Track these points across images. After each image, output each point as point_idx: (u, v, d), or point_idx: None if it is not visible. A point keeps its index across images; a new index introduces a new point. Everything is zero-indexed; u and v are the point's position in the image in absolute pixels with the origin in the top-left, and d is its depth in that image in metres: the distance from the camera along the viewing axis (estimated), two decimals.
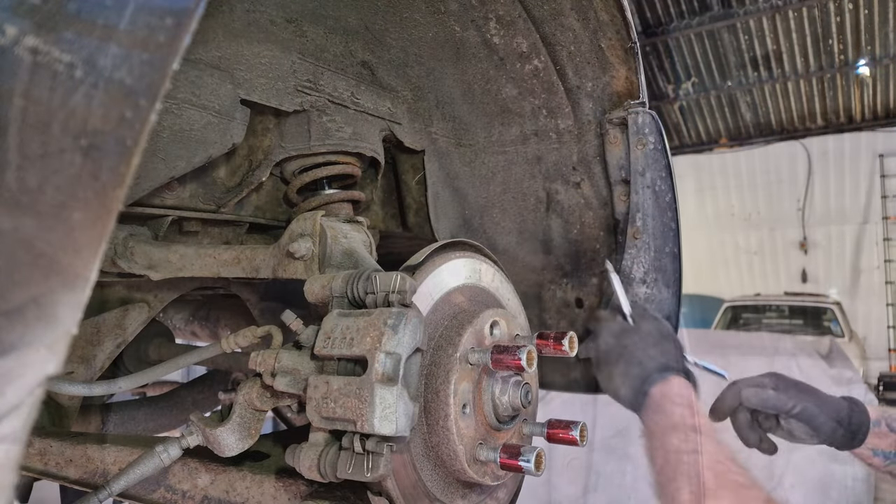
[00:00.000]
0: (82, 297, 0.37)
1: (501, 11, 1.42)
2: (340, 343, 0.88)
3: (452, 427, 0.93)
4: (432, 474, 0.98)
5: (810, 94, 10.70)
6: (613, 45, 1.42)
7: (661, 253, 1.52)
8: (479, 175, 1.76)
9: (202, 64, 1.19)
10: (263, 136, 1.41)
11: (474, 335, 0.99)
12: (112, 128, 0.37)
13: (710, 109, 11.41)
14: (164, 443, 1.06)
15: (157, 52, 0.38)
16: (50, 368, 0.36)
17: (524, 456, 0.94)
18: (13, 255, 0.34)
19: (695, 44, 10.12)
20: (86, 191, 0.36)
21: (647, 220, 1.50)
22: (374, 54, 1.54)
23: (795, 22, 9.48)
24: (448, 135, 1.72)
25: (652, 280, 1.54)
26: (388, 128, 1.57)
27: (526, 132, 1.66)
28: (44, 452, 1.28)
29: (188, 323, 2.27)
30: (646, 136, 1.46)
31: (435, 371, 0.96)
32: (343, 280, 0.99)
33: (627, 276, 1.54)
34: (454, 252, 1.10)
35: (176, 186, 1.30)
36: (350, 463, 0.85)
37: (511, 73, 1.56)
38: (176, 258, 1.25)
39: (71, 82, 0.36)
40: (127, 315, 1.45)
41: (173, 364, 1.38)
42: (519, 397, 1.02)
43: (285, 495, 1.02)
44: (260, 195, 1.50)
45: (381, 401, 0.81)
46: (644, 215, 1.50)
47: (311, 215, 1.19)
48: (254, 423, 1.02)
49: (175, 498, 1.12)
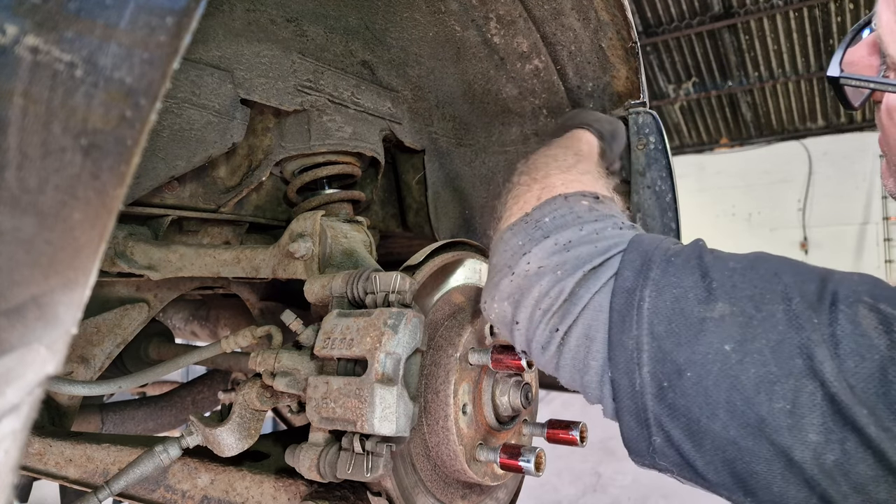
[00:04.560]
0: (82, 297, 0.37)
1: (502, 11, 1.42)
2: (340, 343, 0.88)
3: (452, 427, 0.93)
4: (432, 474, 0.98)
5: (810, 94, 10.70)
6: (614, 44, 1.42)
7: None
8: (479, 175, 1.76)
9: (202, 63, 1.19)
10: (263, 136, 1.41)
11: (474, 335, 0.99)
12: (112, 127, 0.37)
13: (711, 109, 11.40)
14: (164, 443, 1.06)
15: (158, 51, 0.38)
16: (50, 368, 0.36)
17: (524, 456, 0.94)
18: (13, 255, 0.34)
19: (695, 44, 10.12)
20: (86, 190, 0.36)
21: (648, 221, 1.50)
22: (375, 54, 1.54)
23: (795, 22, 9.48)
24: (448, 134, 1.72)
25: None
26: (388, 127, 1.57)
27: (526, 132, 1.66)
28: (43, 452, 1.28)
29: (188, 323, 2.27)
30: (646, 136, 1.46)
31: (435, 371, 0.96)
32: (343, 280, 0.99)
33: None
34: (454, 252, 1.09)
35: (176, 186, 1.30)
36: (350, 463, 0.84)
37: (511, 72, 1.56)
38: (176, 258, 1.25)
39: (71, 82, 0.36)
40: (127, 315, 1.44)
41: (173, 364, 1.38)
42: (519, 397, 1.02)
43: (285, 495, 1.02)
44: (260, 195, 1.50)
45: (381, 401, 0.81)
46: (644, 215, 1.50)
47: (311, 215, 1.19)
48: (253, 423, 1.01)
49: (175, 498, 1.12)
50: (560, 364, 0.80)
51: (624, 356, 0.72)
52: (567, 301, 0.78)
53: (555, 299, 0.79)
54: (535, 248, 0.84)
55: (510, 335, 0.86)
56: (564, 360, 0.79)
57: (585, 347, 0.76)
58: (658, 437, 0.71)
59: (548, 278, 0.80)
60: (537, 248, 0.84)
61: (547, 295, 0.80)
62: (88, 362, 1.39)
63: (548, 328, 0.79)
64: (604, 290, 0.77)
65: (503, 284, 0.85)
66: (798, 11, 9.33)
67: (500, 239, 0.93)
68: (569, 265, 0.80)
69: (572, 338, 0.77)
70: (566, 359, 0.78)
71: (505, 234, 0.91)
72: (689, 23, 9.76)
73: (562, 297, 0.78)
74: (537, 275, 0.81)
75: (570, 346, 0.78)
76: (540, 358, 0.82)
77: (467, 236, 1.77)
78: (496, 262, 0.90)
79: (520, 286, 0.83)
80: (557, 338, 0.78)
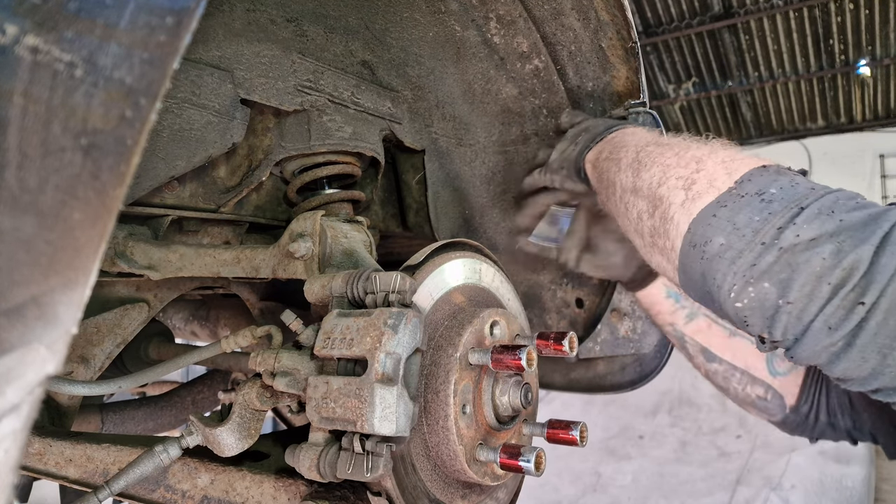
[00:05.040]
0: (82, 297, 0.37)
1: (502, 11, 1.42)
2: (340, 343, 0.88)
3: (452, 427, 0.93)
4: (432, 474, 0.98)
5: (810, 94, 10.70)
6: (614, 44, 1.42)
7: None
8: (479, 175, 1.75)
9: (202, 63, 1.19)
10: (263, 136, 1.41)
11: (474, 335, 0.99)
12: (112, 127, 0.37)
13: (711, 109, 11.40)
14: (164, 443, 1.06)
15: (158, 51, 0.38)
16: (50, 368, 0.36)
17: (524, 456, 0.94)
18: (13, 255, 0.34)
19: (695, 44, 10.12)
20: (86, 190, 0.36)
21: None
22: (375, 54, 1.54)
23: (795, 22, 9.48)
24: (448, 134, 1.72)
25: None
26: (388, 127, 1.57)
27: (526, 132, 1.66)
28: (43, 452, 1.28)
29: (188, 323, 2.27)
30: None
31: (435, 371, 0.96)
32: (343, 280, 0.99)
33: None
34: (454, 252, 1.09)
35: (176, 186, 1.30)
36: (350, 463, 0.84)
37: (511, 72, 1.56)
38: (176, 258, 1.25)
39: (71, 81, 0.36)
40: (127, 315, 1.44)
41: (173, 364, 1.38)
42: (519, 397, 1.02)
43: (285, 495, 1.02)
44: (260, 195, 1.50)
45: (381, 401, 0.81)
46: None
47: (311, 215, 1.19)
48: (253, 423, 1.01)
49: (175, 498, 1.12)
50: (854, 343, 0.72)
51: None
52: (868, 271, 0.71)
53: (850, 270, 0.72)
54: (798, 219, 0.76)
55: (769, 321, 0.78)
56: (863, 339, 0.71)
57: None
58: None
59: (828, 249, 0.73)
60: (800, 218, 0.77)
61: (837, 267, 0.72)
62: (88, 362, 1.39)
63: (844, 304, 0.72)
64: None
65: (761, 263, 0.77)
66: (798, 11, 9.32)
67: (703, 222, 0.85)
68: (848, 234, 0.74)
69: (879, 311, 0.70)
70: (867, 336, 0.71)
71: (719, 212, 0.84)
72: (689, 23, 9.76)
73: (860, 266, 0.71)
74: (811, 247, 0.74)
75: (874, 321, 0.70)
76: (821, 340, 0.74)
77: (467, 236, 1.77)
78: (724, 242, 0.82)
79: (789, 262, 0.75)
80: (860, 313, 0.71)
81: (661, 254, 0.99)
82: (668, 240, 0.94)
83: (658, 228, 0.97)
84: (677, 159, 0.97)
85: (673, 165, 0.96)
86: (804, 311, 0.74)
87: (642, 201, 1.01)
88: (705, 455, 5.76)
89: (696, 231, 0.88)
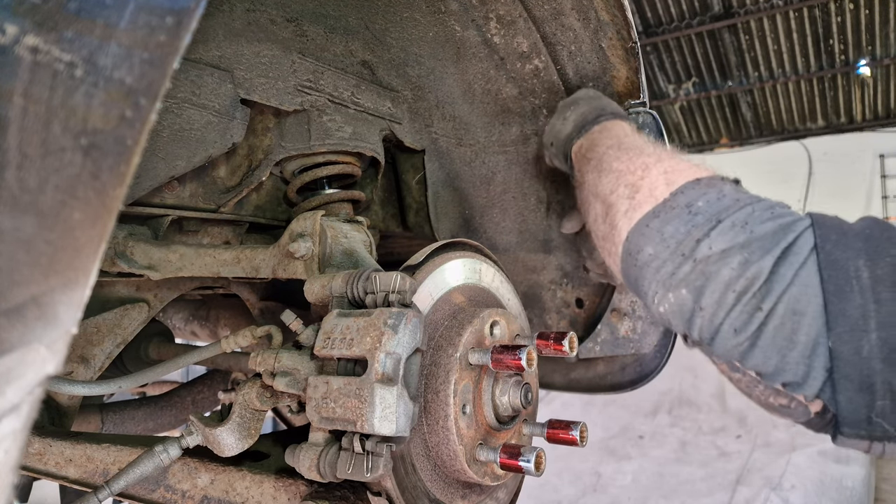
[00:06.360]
0: (82, 297, 0.37)
1: (502, 11, 1.42)
2: (340, 343, 0.88)
3: (452, 427, 0.93)
4: (432, 474, 0.98)
5: (810, 94, 10.69)
6: (614, 44, 1.42)
7: None
8: (479, 175, 1.75)
9: (202, 63, 1.19)
10: (263, 136, 1.41)
11: (474, 335, 0.99)
12: (112, 127, 0.37)
13: (711, 109, 11.40)
14: (164, 443, 1.06)
15: (158, 51, 0.38)
16: (50, 368, 0.36)
17: (524, 456, 0.94)
18: (13, 255, 0.34)
19: (695, 44, 10.12)
20: (86, 190, 0.36)
21: None
22: (375, 54, 1.54)
23: (795, 22, 9.48)
24: (448, 134, 1.72)
25: None
26: (388, 127, 1.57)
27: (526, 132, 1.66)
28: (43, 452, 1.28)
29: (188, 323, 2.27)
30: (646, 136, 1.47)
31: (435, 371, 0.96)
32: (343, 280, 0.99)
33: None
34: (454, 252, 1.09)
35: (176, 186, 1.30)
36: (350, 463, 0.84)
37: (511, 72, 1.56)
38: (176, 258, 1.25)
39: (71, 81, 0.36)
40: (127, 315, 1.44)
41: (173, 364, 1.38)
42: (519, 397, 1.02)
43: (285, 495, 1.02)
44: (260, 195, 1.50)
45: (381, 401, 0.81)
46: None
47: (311, 215, 1.19)
48: (253, 423, 1.01)
49: (175, 498, 1.12)
50: (757, 344, 0.79)
51: (847, 325, 0.74)
52: (768, 280, 0.78)
53: (752, 280, 0.79)
54: (713, 232, 0.83)
55: (687, 323, 0.85)
56: (764, 340, 0.78)
57: (793, 323, 0.76)
58: (884, 401, 0.73)
59: (736, 259, 0.80)
60: (715, 231, 0.83)
61: (742, 276, 0.79)
62: (88, 362, 1.39)
63: (746, 309, 0.79)
64: (808, 265, 0.77)
65: (680, 272, 0.84)
66: (798, 11, 9.32)
67: (638, 232, 0.92)
68: (756, 245, 0.80)
69: (776, 316, 0.77)
70: (766, 338, 0.78)
71: (651, 223, 0.90)
72: (689, 23, 9.75)
73: (761, 276, 0.78)
74: (722, 258, 0.81)
75: (772, 325, 0.78)
76: (729, 341, 0.81)
77: (467, 236, 1.77)
78: (652, 252, 0.89)
79: (703, 271, 0.82)
80: (759, 318, 0.78)
81: (610, 257, 1.06)
82: (614, 245, 1.02)
83: (608, 234, 1.04)
84: (628, 165, 1.03)
85: (624, 172, 1.02)
86: (714, 316, 0.82)
87: (599, 205, 1.07)
88: (705, 455, 5.76)
89: (632, 240, 0.95)
